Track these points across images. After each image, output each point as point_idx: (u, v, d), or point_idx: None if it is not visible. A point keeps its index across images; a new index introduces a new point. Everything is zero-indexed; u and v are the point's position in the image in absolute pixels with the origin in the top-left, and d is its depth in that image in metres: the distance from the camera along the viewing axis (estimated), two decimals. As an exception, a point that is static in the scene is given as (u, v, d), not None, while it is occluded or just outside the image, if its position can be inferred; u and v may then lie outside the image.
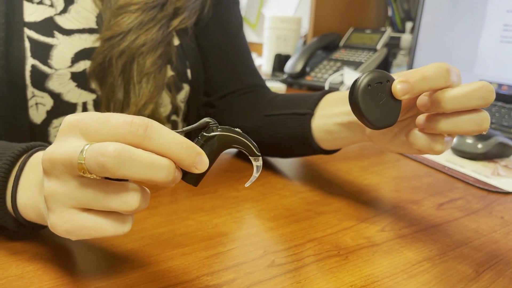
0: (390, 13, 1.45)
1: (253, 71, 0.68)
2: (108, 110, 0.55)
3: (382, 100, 0.34)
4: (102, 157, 0.25)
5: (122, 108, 0.56)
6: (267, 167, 0.59)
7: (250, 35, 2.14)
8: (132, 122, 0.27)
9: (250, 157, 0.30)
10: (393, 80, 0.34)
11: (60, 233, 0.29)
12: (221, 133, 0.29)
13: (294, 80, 1.27)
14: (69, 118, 0.28)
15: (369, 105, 0.33)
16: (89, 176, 0.27)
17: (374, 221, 0.45)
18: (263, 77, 0.73)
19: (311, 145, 0.51)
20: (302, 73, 1.26)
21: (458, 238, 0.42)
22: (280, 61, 1.42)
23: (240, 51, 0.68)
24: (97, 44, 0.54)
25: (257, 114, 0.59)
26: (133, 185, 0.28)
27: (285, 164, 0.61)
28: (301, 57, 1.27)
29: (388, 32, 1.30)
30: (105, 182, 0.27)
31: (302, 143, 0.52)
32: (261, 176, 0.55)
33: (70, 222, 0.28)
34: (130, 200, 0.27)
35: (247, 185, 0.31)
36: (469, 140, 0.66)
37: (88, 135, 0.27)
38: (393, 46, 1.34)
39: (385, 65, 1.34)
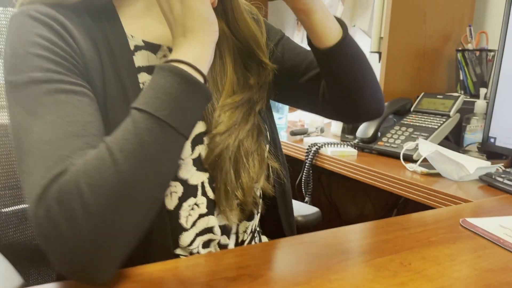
0: (461, 77, 1.45)
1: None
2: (226, 190, 0.66)
3: None
4: None
5: (235, 187, 0.66)
6: (356, 258, 0.61)
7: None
8: None
9: None
10: None
11: None
12: None
13: (365, 145, 1.29)
14: None
15: None
16: None
17: (471, 324, 0.45)
18: (332, 138, 0.83)
19: None
20: (374, 138, 1.28)
21: None
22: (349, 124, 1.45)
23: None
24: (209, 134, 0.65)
25: None
26: None
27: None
28: (373, 121, 1.29)
29: (462, 98, 1.29)
30: None
31: None
32: (350, 266, 0.57)
33: None
34: None
35: None
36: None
37: None
38: (466, 110, 1.33)
39: (458, 130, 1.33)
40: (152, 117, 0.49)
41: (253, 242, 0.78)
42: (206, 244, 0.68)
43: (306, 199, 1.33)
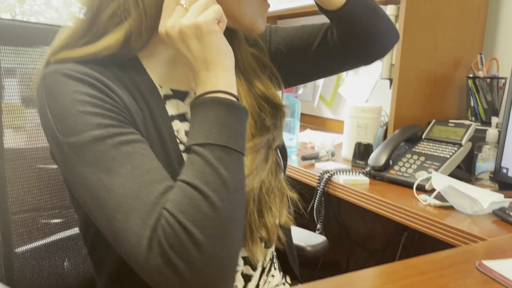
0: (472, 103, 1.45)
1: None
2: (250, 230, 0.67)
3: None
4: None
5: (259, 226, 0.68)
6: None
7: (325, 112, 2.20)
8: None
9: None
10: None
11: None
12: None
13: (377, 173, 1.29)
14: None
15: None
16: None
17: None
18: (343, 162, 0.84)
19: None
20: (386, 166, 1.28)
21: None
22: (360, 149, 1.46)
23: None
24: None
25: None
26: None
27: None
28: (385, 149, 1.30)
29: (473, 126, 1.30)
30: None
31: None
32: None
33: None
34: None
35: None
36: None
37: None
38: (477, 138, 1.33)
39: (470, 157, 1.33)
40: (216, 146, 0.54)
41: (272, 269, 0.81)
42: None
43: (318, 226, 1.33)
